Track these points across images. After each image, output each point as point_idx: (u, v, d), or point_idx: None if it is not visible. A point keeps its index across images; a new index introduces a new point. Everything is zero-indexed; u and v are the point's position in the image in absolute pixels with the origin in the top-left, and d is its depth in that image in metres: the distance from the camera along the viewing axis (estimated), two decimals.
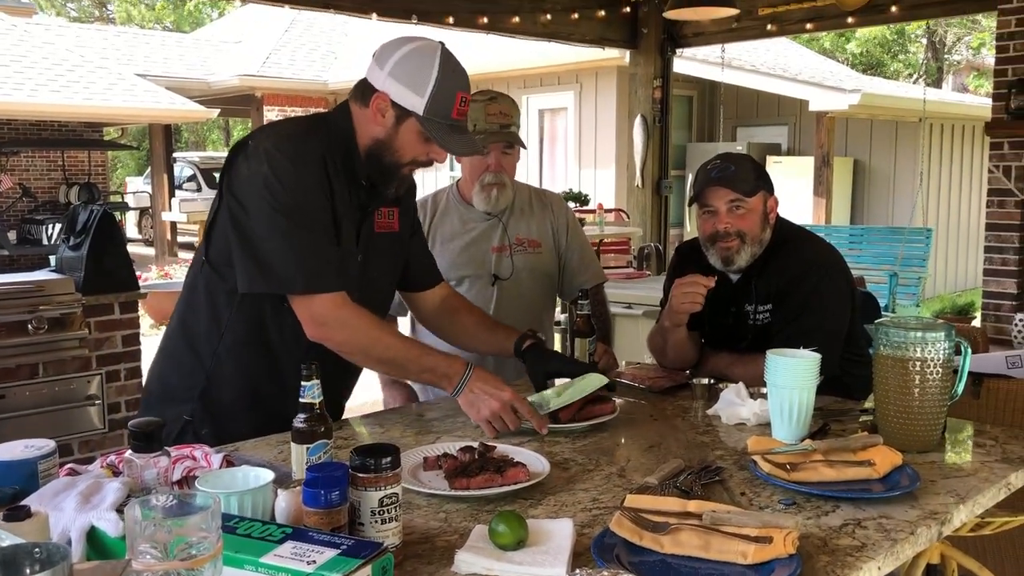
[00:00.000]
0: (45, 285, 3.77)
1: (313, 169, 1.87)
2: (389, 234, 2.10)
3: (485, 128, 2.59)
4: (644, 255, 6.58)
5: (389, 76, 1.87)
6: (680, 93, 11.29)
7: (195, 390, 1.98)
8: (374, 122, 1.91)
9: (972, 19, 17.66)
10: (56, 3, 28.62)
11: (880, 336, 1.86)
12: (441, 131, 1.89)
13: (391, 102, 1.88)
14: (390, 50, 1.90)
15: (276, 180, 1.83)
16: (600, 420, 2.00)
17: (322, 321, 1.87)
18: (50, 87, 11.48)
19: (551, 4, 6.46)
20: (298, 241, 1.83)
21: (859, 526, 1.43)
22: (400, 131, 1.90)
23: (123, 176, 24.04)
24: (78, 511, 1.29)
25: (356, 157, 1.95)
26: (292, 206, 1.83)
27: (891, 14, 5.89)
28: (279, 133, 1.94)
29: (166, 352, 2.07)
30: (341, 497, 1.29)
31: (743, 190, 2.32)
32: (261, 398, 1.99)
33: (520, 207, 2.80)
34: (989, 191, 5.02)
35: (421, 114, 1.86)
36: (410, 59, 1.87)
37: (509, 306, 2.70)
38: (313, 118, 2.05)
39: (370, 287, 2.04)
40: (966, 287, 11.73)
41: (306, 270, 1.84)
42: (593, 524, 1.45)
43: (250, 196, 1.85)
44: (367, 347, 1.92)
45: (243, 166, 1.87)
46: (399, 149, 1.92)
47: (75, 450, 3.85)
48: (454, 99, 1.88)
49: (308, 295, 1.86)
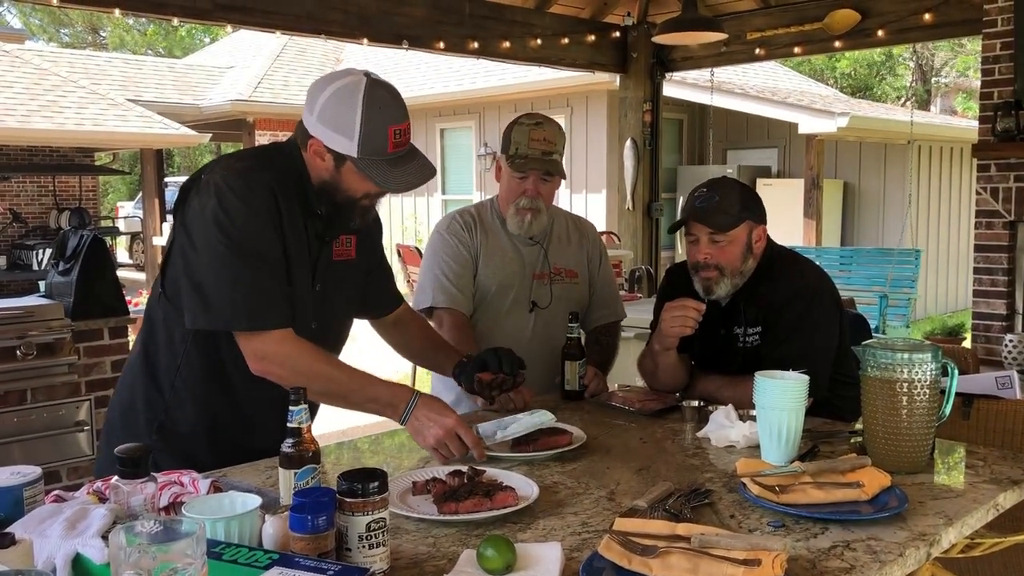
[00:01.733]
0: (34, 311, 3.75)
1: (262, 203, 1.85)
2: (347, 262, 2.09)
3: (527, 153, 2.56)
4: (635, 277, 6.60)
5: (318, 122, 1.86)
6: (670, 116, 11.37)
7: (154, 422, 1.96)
8: (315, 166, 1.91)
9: (958, 42, 17.84)
10: (48, 29, 28.72)
11: (868, 358, 1.86)
12: (380, 169, 1.85)
13: (325, 147, 1.86)
14: (316, 92, 1.87)
15: (224, 215, 1.81)
16: (557, 451, 1.96)
17: (262, 356, 1.85)
18: (42, 112, 11.50)
19: (541, 29, 6.51)
20: (243, 278, 1.81)
21: (848, 548, 1.43)
22: (342, 173, 1.89)
23: (114, 201, 24.03)
24: (63, 538, 1.28)
25: (309, 189, 1.93)
26: (239, 241, 1.81)
27: (877, 38, 5.96)
28: (230, 167, 1.90)
29: (127, 382, 2.05)
30: (328, 522, 1.28)
31: (722, 224, 2.32)
32: (220, 429, 1.98)
33: (558, 235, 2.78)
34: (977, 212, 5.05)
35: (356, 156, 1.84)
36: (334, 102, 1.84)
37: (544, 334, 2.66)
38: (267, 150, 2.04)
39: (327, 316, 2.04)
40: (956, 308, 11.78)
41: (250, 308, 1.82)
42: (582, 548, 1.44)
43: (198, 231, 1.84)
44: (309, 380, 1.85)
45: (194, 200, 1.86)
46: (347, 188, 1.91)
47: (63, 476, 3.82)
48: (386, 134, 1.84)
49: (251, 333, 1.85)
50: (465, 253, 2.66)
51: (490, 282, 2.65)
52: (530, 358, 2.67)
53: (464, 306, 2.63)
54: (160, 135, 12.56)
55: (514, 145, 2.58)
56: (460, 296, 2.62)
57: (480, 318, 2.67)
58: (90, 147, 13.09)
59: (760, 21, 6.48)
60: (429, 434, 1.90)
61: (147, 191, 14.57)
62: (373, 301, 2.27)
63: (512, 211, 2.64)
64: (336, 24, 5.48)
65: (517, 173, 2.60)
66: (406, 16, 5.78)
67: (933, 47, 19.96)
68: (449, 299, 2.61)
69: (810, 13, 6.18)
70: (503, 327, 2.66)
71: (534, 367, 2.65)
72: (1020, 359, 4.44)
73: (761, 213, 2.41)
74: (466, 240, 2.67)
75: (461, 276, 2.64)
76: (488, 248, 2.69)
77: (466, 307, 2.63)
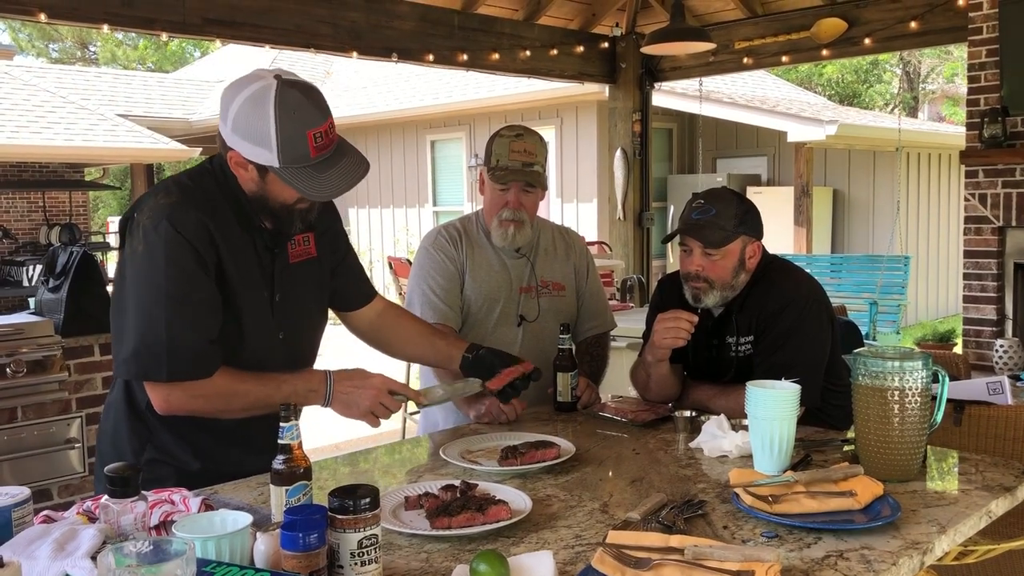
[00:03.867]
0: (24, 328, 3.73)
1: (189, 241, 1.79)
2: (307, 261, 2.04)
3: (507, 164, 2.57)
4: (627, 287, 6.60)
5: (233, 132, 1.78)
6: (660, 126, 11.41)
7: (140, 452, 1.93)
8: (242, 177, 1.84)
9: (945, 49, 17.96)
10: (37, 44, 28.68)
11: (858, 366, 1.86)
12: (304, 177, 1.76)
13: (245, 159, 1.79)
14: (227, 100, 1.78)
15: (149, 261, 1.78)
16: (544, 464, 1.94)
17: (165, 401, 1.82)
18: (31, 128, 11.47)
19: (530, 41, 6.53)
20: (166, 328, 1.77)
21: (841, 558, 1.43)
22: (268, 182, 1.82)
23: (105, 216, 23.96)
24: (52, 559, 1.27)
25: (245, 203, 1.88)
26: (163, 289, 1.77)
27: (864, 46, 5.99)
28: (156, 205, 1.82)
29: (112, 410, 2.01)
30: (319, 540, 1.28)
31: (716, 240, 2.32)
32: (209, 448, 1.95)
33: (545, 247, 2.77)
34: (966, 218, 5.07)
35: (278, 166, 1.75)
36: (246, 110, 1.74)
37: (533, 348, 2.65)
38: (197, 175, 1.93)
39: (294, 322, 2.02)
40: (947, 314, 11.83)
41: (169, 360, 1.77)
42: (575, 561, 1.44)
43: (127, 277, 1.81)
44: (223, 408, 1.86)
45: (127, 244, 1.83)
46: (278, 196, 1.84)
47: (55, 494, 3.80)
48: (306, 140, 1.74)
49: (167, 383, 1.81)
50: (452, 267, 2.65)
51: (477, 296, 2.64)
52: None
53: (453, 321, 2.62)
54: (150, 150, 12.53)
55: (495, 157, 2.59)
56: (449, 311, 2.62)
57: (468, 333, 2.66)
58: (80, 162, 13.05)
59: (747, 30, 6.51)
60: (362, 400, 1.90)
61: None
62: (343, 293, 2.21)
63: (495, 223, 2.64)
64: (325, 38, 5.48)
65: (498, 185, 2.60)
66: (395, 29, 5.79)
67: (920, 54, 20.08)
68: (438, 314, 2.60)
69: (797, 22, 6.22)
70: (491, 341, 2.65)
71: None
72: (1011, 364, 4.46)
73: (758, 228, 2.41)
74: (452, 254, 2.67)
75: (449, 291, 2.63)
76: (474, 262, 2.68)
77: (455, 322, 2.63)
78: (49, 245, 11.87)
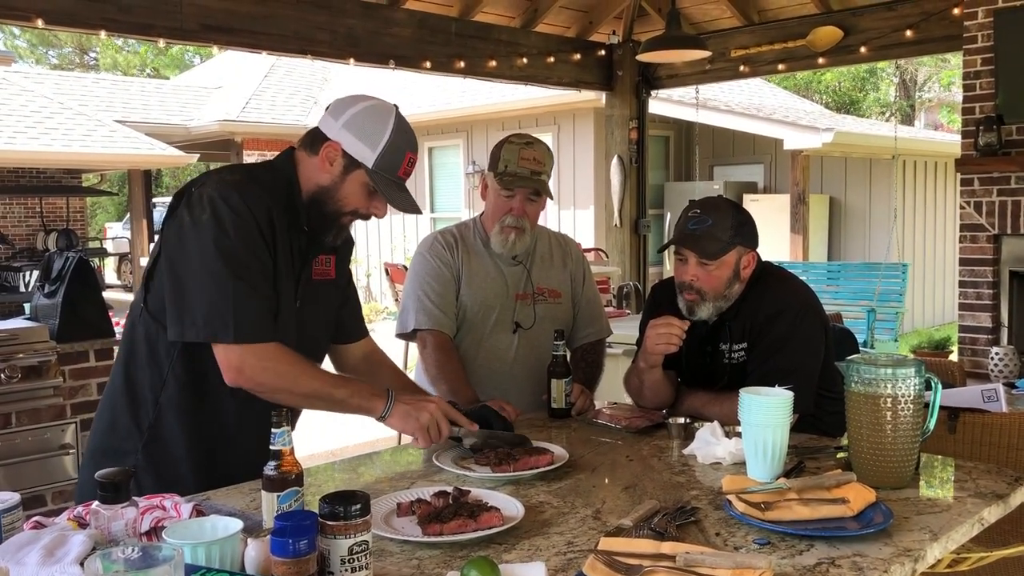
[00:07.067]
0: (19, 333, 3.73)
1: (255, 217, 1.87)
2: (326, 282, 2.12)
3: (515, 171, 2.57)
4: (623, 294, 6.60)
5: (343, 128, 1.94)
6: (656, 133, 11.43)
7: (138, 441, 1.94)
8: (321, 169, 1.96)
9: (942, 57, 18.01)
10: (36, 51, 28.70)
11: (851, 373, 1.86)
12: (388, 186, 1.96)
13: (342, 151, 1.94)
14: (346, 104, 1.98)
15: (217, 227, 1.83)
16: (538, 470, 1.94)
17: (239, 367, 1.85)
18: (29, 134, 11.49)
19: (527, 48, 6.55)
20: (232, 290, 1.82)
21: (833, 565, 1.43)
22: (346, 180, 1.96)
23: (102, 222, 23.98)
24: (41, 566, 1.27)
25: (298, 203, 1.98)
26: (230, 254, 1.82)
27: (860, 54, 6.02)
28: (222, 180, 1.91)
29: (108, 404, 2.02)
30: (310, 546, 1.27)
31: (712, 252, 2.32)
32: (205, 446, 1.96)
33: (542, 254, 2.77)
34: (962, 226, 5.08)
35: (370, 167, 1.93)
36: (366, 115, 1.95)
37: (528, 355, 2.66)
38: (257, 165, 2.06)
39: (305, 334, 2.04)
40: (943, 321, 11.83)
41: (236, 320, 1.82)
42: (567, 568, 1.44)
43: (189, 243, 1.84)
44: (290, 386, 1.89)
45: (185, 213, 1.87)
46: (343, 199, 1.97)
47: (49, 500, 3.79)
48: (403, 158, 1.96)
49: (236, 345, 1.84)
50: (447, 273, 2.65)
51: (472, 303, 2.64)
52: (514, 378, 2.67)
53: (447, 327, 2.62)
54: (148, 156, 12.55)
55: (503, 163, 2.58)
56: (443, 317, 2.61)
57: (463, 339, 2.66)
58: (77, 168, 13.07)
59: (744, 39, 6.53)
60: (421, 415, 1.97)
61: (135, 212, 14.57)
62: (344, 324, 2.26)
63: (497, 229, 2.64)
64: (323, 44, 5.50)
65: (505, 190, 2.60)
66: (393, 36, 5.81)
67: (917, 62, 20.14)
68: (432, 320, 2.60)
69: (793, 30, 6.24)
70: (486, 348, 2.65)
71: (519, 387, 2.64)
72: (1007, 372, 4.46)
73: (753, 238, 2.41)
74: (448, 260, 2.67)
75: (444, 297, 2.63)
76: (470, 268, 2.68)
77: (449, 328, 2.63)
78: (46, 250, 11.88)
